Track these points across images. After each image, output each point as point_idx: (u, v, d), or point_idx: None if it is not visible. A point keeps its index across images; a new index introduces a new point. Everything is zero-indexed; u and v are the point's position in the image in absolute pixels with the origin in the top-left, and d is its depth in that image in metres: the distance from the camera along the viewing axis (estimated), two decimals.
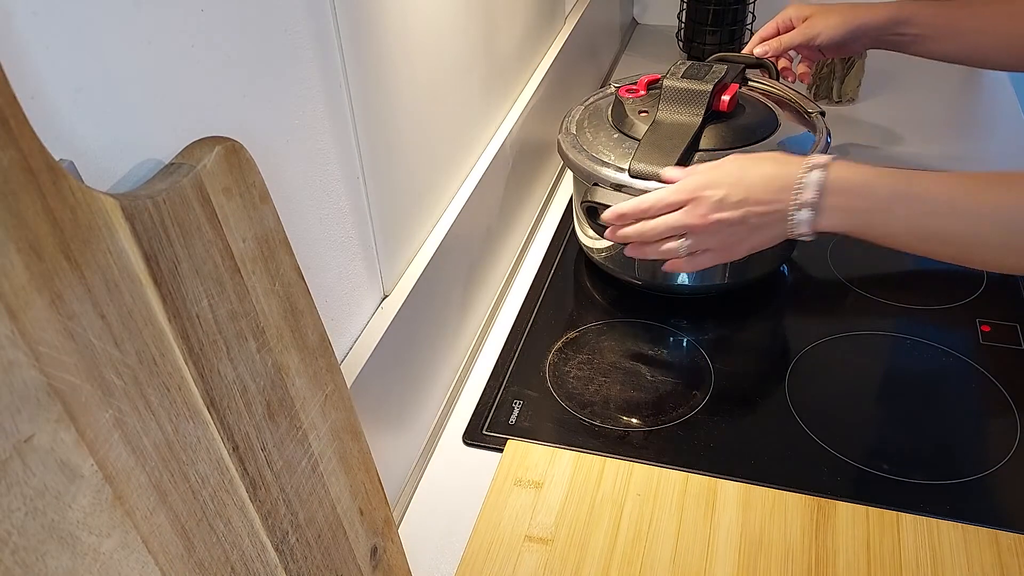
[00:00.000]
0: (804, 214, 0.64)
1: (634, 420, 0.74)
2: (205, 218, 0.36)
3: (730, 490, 0.67)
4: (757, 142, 0.79)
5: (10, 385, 0.27)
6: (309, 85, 0.51)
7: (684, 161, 0.75)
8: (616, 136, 0.82)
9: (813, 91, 1.22)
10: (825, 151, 0.80)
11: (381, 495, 0.53)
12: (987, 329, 0.81)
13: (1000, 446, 0.70)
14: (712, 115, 0.79)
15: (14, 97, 0.26)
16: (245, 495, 0.40)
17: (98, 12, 0.34)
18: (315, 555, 0.46)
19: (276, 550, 0.42)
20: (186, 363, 0.36)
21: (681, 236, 0.69)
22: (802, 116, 0.86)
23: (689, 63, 0.83)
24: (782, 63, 0.94)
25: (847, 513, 0.64)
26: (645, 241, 0.71)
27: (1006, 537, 0.62)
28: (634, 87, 0.86)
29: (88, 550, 0.31)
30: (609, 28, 1.38)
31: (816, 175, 0.63)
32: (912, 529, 0.63)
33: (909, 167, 0.65)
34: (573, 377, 0.79)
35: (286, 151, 0.50)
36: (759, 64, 0.91)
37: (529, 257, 0.97)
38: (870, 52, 1.18)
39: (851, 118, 1.18)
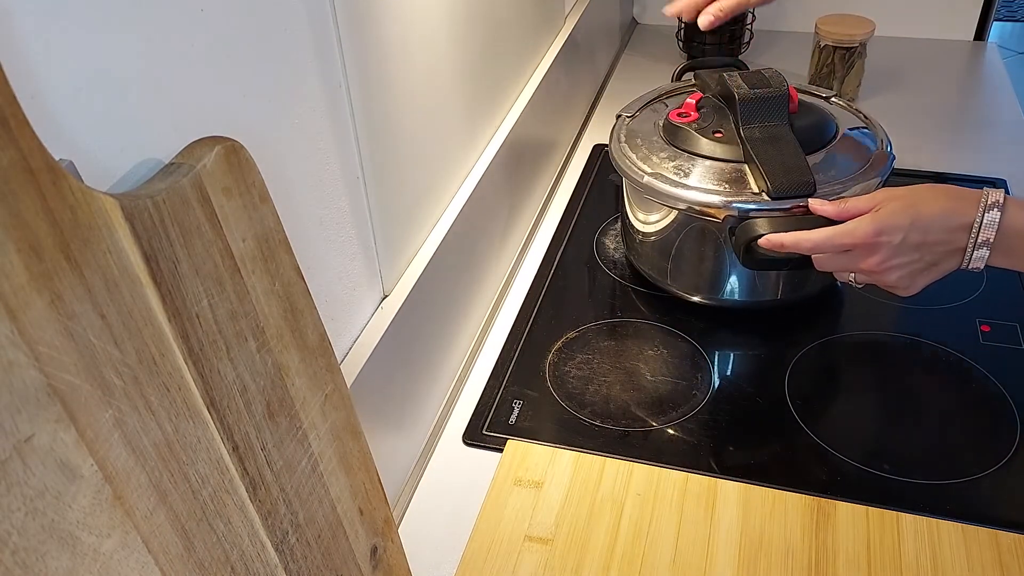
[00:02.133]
0: (981, 252, 0.64)
1: (634, 420, 0.74)
2: (205, 218, 0.36)
3: (730, 490, 0.67)
4: (832, 140, 0.78)
5: (10, 385, 0.27)
6: (309, 85, 0.51)
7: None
8: (708, 164, 0.78)
9: None
10: (886, 138, 0.81)
11: (381, 495, 0.53)
12: (987, 329, 0.81)
13: (1000, 446, 0.70)
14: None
15: (14, 97, 0.26)
16: (245, 495, 0.40)
17: (98, 12, 0.34)
18: (315, 555, 0.46)
19: (276, 550, 0.42)
20: (186, 363, 0.36)
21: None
22: (829, 104, 0.86)
23: (734, 74, 0.80)
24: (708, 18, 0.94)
25: (847, 513, 0.64)
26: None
27: (1006, 537, 0.62)
28: (683, 110, 0.83)
29: (88, 550, 0.31)
30: (609, 28, 1.38)
31: (994, 216, 0.62)
32: (912, 529, 0.63)
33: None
34: (573, 377, 0.79)
35: (286, 151, 0.50)
36: (731, 64, 0.91)
37: (529, 257, 0.97)
38: (870, 52, 1.18)
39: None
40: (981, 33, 1.38)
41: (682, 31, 1.35)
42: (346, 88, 0.55)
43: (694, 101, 0.83)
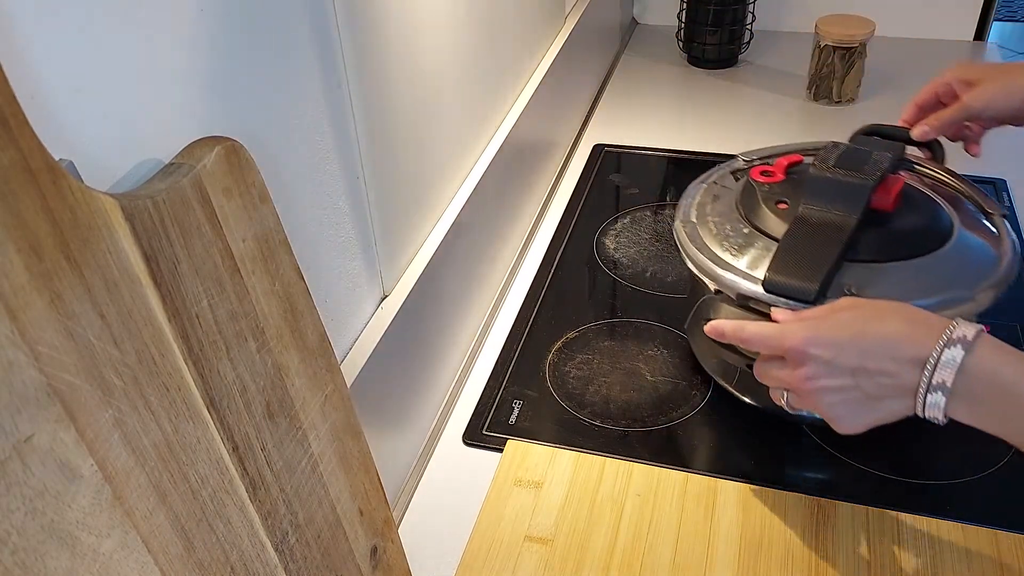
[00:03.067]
0: (935, 397, 0.50)
1: (634, 420, 0.74)
2: (205, 218, 0.36)
3: (730, 490, 0.67)
4: (926, 253, 0.64)
5: (10, 385, 0.27)
6: (309, 85, 0.51)
7: (833, 275, 0.61)
8: (747, 231, 0.67)
9: (813, 91, 1.22)
10: (1014, 269, 0.65)
11: (381, 495, 0.53)
12: (987, 329, 0.81)
13: (1000, 446, 0.70)
14: (869, 214, 0.64)
15: (14, 97, 0.26)
16: (245, 495, 0.40)
17: (98, 12, 0.34)
18: (315, 555, 0.46)
19: (276, 550, 0.42)
20: (186, 363, 0.36)
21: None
22: (980, 217, 0.69)
23: (843, 145, 0.68)
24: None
25: (847, 513, 0.64)
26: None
27: (1006, 537, 0.62)
28: (770, 168, 0.71)
29: (88, 550, 0.31)
30: (609, 28, 1.38)
31: (956, 353, 0.49)
32: (912, 529, 0.63)
33: None
34: (573, 377, 0.79)
35: (286, 151, 0.50)
36: (921, 142, 0.76)
37: (529, 257, 0.97)
38: (870, 52, 1.18)
39: (851, 118, 1.18)
40: (981, 33, 1.38)
41: (682, 31, 1.35)
42: (346, 88, 0.55)
43: (787, 162, 0.72)
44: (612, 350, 0.82)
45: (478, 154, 0.84)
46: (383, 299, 0.66)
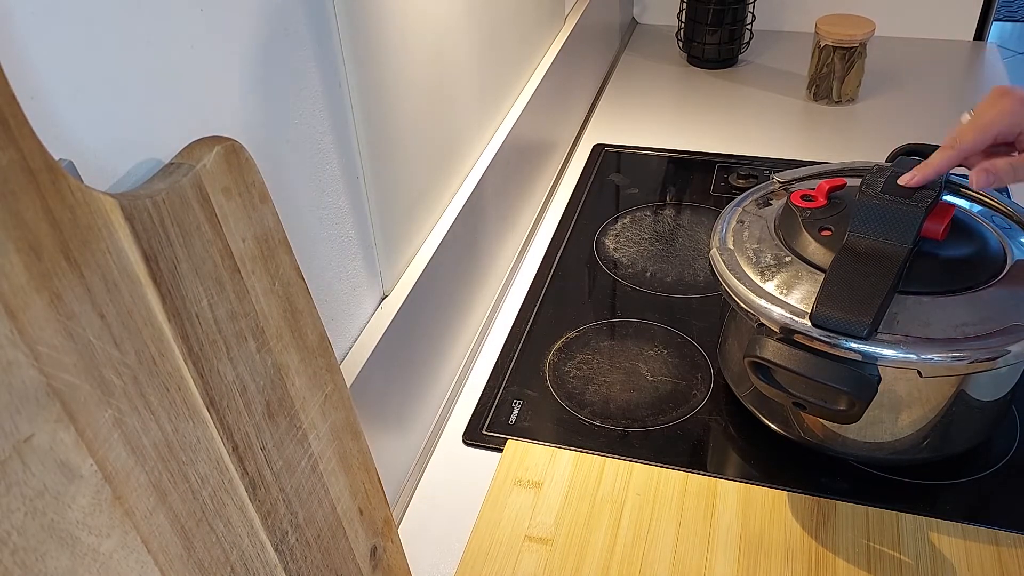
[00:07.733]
0: None
1: (634, 420, 0.74)
2: (204, 218, 0.36)
3: (730, 490, 0.67)
4: (979, 284, 0.61)
5: (10, 385, 0.27)
6: (309, 85, 0.51)
7: (885, 308, 0.58)
8: (788, 259, 0.65)
9: (813, 91, 1.22)
10: None
11: (381, 495, 0.53)
12: None
13: (1000, 446, 0.70)
14: (919, 242, 0.61)
15: (14, 97, 0.26)
16: (245, 495, 0.40)
17: (98, 12, 0.34)
18: (315, 555, 0.46)
19: (276, 550, 0.42)
20: (185, 363, 0.36)
21: None
22: None
23: (890, 169, 0.64)
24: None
25: (847, 513, 0.64)
26: None
27: (1006, 537, 0.62)
28: (811, 193, 0.69)
29: (88, 550, 0.31)
30: (609, 28, 1.38)
31: None
32: (912, 529, 0.63)
33: None
34: (573, 377, 0.79)
35: (286, 151, 0.50)
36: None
37: (529, 257, 0.97)
38: (870, 52, 1.19)
39: (851, 118, 1.18)
40: (981, 33, 1.38)
41: (682, 31, 1.35)
42: (346, 88, 0.55)
43: (829, 186, 0.69)
44: (612, 350, 0.82)
45: (478, 154, 0.84)
46: (383, 299, 0.66)
